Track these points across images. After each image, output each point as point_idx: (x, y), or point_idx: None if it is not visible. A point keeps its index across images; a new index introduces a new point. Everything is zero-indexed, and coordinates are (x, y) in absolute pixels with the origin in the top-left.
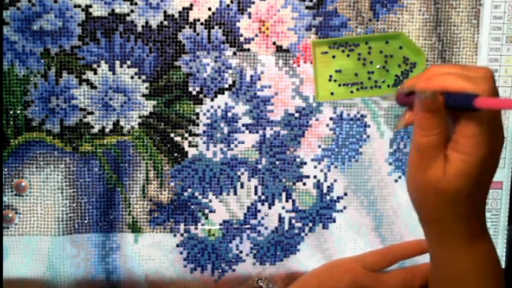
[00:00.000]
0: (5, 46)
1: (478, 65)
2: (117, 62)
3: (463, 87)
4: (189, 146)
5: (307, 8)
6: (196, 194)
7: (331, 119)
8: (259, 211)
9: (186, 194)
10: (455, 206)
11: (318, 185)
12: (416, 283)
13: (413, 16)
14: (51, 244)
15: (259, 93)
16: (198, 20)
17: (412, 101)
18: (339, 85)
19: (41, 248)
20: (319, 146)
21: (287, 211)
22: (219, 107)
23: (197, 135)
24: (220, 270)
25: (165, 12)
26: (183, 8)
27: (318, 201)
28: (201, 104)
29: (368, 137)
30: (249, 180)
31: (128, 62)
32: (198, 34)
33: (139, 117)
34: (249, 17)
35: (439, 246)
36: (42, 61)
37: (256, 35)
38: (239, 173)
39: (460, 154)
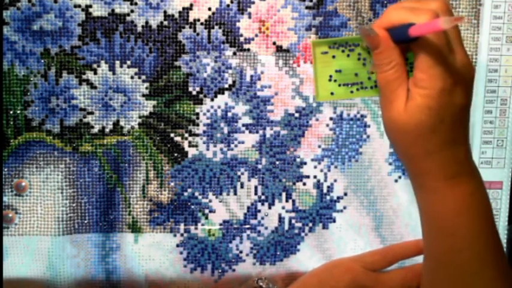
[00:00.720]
0: (5, 46)
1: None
2: (117, 62)
3: (406, 19)
4: (189, 146)
5: (307, 8)
6: (196, 194)
7: (331, 119)
8: (259, 211)
9: (186, 194)
10: (421, 142)
11: (318, 185)
12: (416, 283)
13: None
14: (51, 244)
15: (259, 93)
16: (198, 20)
17: None
18: (339, 85)
19: (41, 248)
20: (319, 146)
21: (287, 211)
22: (219, 107)
23: (197, 135)
24: (220, 270)
25: (165, 12)
26: (183, 8)
27: (318, 201)
28: (201, 104)
29: (368, 137)
30: (249, 180)
31: (128, 62)
32: (198, 34)
33: (139, 117)
34: (249, 17)
35: (418, 187)
36: (42, 61)
37: (256, 35)
38: (239, 173)
39: (418, 88)
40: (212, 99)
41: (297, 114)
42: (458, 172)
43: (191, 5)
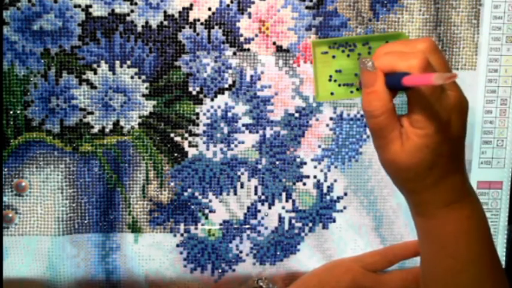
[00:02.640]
0: (5, 46)
1: (421, 38)
2: (117, 62)
3: (396, 66)
4: (189, 146)
5: (307, 8)
6: (196, 194)
7: (331, 119)
8: (259, 211)
9: (186, 194)
10: (420, 178)
11: (318, 185)
12: (416, 284)
13: (413, 16)
14: (51, 244)
15: (259, 93)
16: (198, 20)
17: None
18: (339, 85)
19: (41, 248)
20: (319, 146)
21: (287, 211)
22: (219, 107)
23: (197, 135)
24: (220, 270)
25: (165, 12)
26: (183, 8)
27: (318, 201)
28: (201, 104)
29: (368, 137)
30: (249, 180)
31: (128, 62)
32: (198, 34)
33: (139, 117)
34: (249, 17)
35: (418, 215)
36: (42, 61)
37: (256, 35)
38: (239, 173)
39: (415, 129)
40: (212, 99)
41: (297, 114)
42: (456, 198)
43: (191, 5)
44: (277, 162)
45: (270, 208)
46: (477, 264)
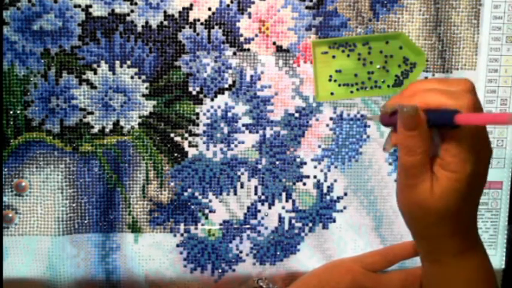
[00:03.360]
0: (5, 46)
1: (458, 77)
2: (117, 62)
3: (444, 103)
4: (189, 146)
5: (307, 8)
6: (196, 194)
7: (331, 119)
8: (259, 211)
9: (186, 194)
10: (443, 223)
11: (318, 185)
12: (416, 285)
13: (413, 16)
14: (51, 244)
15: (259, 93)
16: (198, 20)
17: (395, 120)
18: (339, 85)
19: (41, 248)
20: (319, 146)
21: (287, 211)
22: (219, 107)
23: (197, 135)
24: (220, 270)
25: (165, 12)
26: (183, 8)
27: (318, 201)
28: (201, 104)
29: (368, 137)
30: (249, 180)
31: (128, 62)
32: (198, 34)
33: (139, 117)
34: (249, 17)
35: (429, 261)
36: (42, 61)
37: (256, 35)
38: (239, 173)
39: (447, 172)
40: (212, 99)
41: (297, 114)
42: (469, 247)
43: (191, 5)
44: (277, 162)
45: (270, 208)
46: None
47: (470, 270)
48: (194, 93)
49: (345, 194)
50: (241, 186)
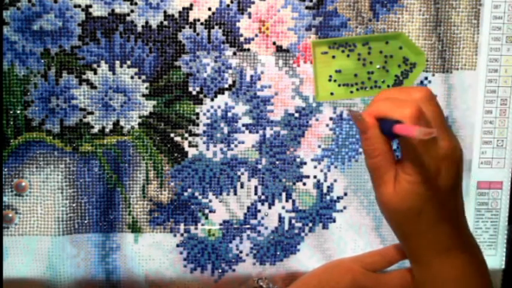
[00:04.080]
0: (5, 46)
1: (419, 86)
2: (117, 62)
3: (390, 112)
4: (189, 146)
5: (307, 8)
6: (196, 194)
7: (331, 119)
8: (259, 211)
9: (186, 194)
10: (410, 223)
11: (318, 185)
12: (415, 284)
13: (413, 16)
14: (51, 244)
15: (259, 93)
16: (198, 20)
17: None
18: (339, 85)
19: (41, 248)
20: (319, 146)
21: (287, 211)
22: (219, 107)
23: (197, 135)
24: (220, 270)
25: (165, 12)
26: (183, 8)
27: (318, 201)
28: (201, 104)
29: None
30: (249, 180)
31: (128, 62)
32: (198, 34)
33: (139, 117)
34: (249, 17)
35: (414, 261)
36: (42, 61)
37: (256, 35)
38: (239, 173)
39: (405, 175)
40: (212, 99)
41: (297, 114)
42: (449, 246)
43: (191, 5)
44: (277, 162)
45: (270, 208)
46: None
47: (454, 269)
48: (194, 93)
49: (345, 194)
50: (241, 186)
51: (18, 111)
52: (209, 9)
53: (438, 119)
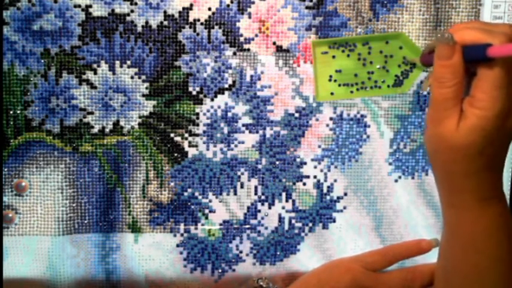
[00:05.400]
0: (5, 46)
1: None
2: (117, 62)
3: (479, 39)
4: (189, 146)
5: (307, 8)
6: (196, 194)
7: (331, 119)
8: (259, 211)
9: (186, 194)
10: (467, 161)
11: (318, 185)
12: (416, 283)
13: (413, 16)
14: (51, 244)
15: (259, 93)
16: (198, 20)
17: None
18: (339, 85)
19: (41, 248)
20: (319, 146)
21: (287, 211)
22: (219, 107)
23: (197, 135)
24: (220, 270)
25: (165, 12)
26: (183, 8)
27: (318, 201)
28: (201, 104)
29: (368, 137)
30: (249, 180)
31: (128, 62)
32: (198, 34)
33: (139, 117)
34: (249, 17)
35: (450, 204)
36: (42, 61)
37: (256, 35)
38: (239, 173)
39: (475, 109)
40: (212, 99)
41: (297, 114)
42: (491, 194)
43: (191, 5)
44: (277, 162)
45: (270, 208)
46: (505, 262)
47: (492, 218)
48: (194, 93)
49: (345, 194)
50: (241, 186)
51: (18, 111)
52: (209, 9)
53: None
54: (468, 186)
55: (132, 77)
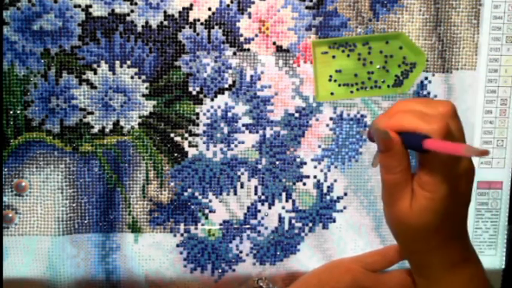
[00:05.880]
0: (5, 46)
1: (442, 100)
2: (117, 62)
3: (417, 127)
4: (189, 146)
5: (307, 8)
6: (196, 194)
7: (331, 119)
8: (259, 211)
9: (186, 194)
10: (425, 239)
11: (318, 185)
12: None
13: (413, 16)
14: (51, 244)
15: (259, 93)
16: (198, 20)
17: None
18: (339, 85)
19: (41, 248)
20: (319, 146)
21: (287, 211)
22: (219, 107)
23: (197, 135)
24: (220, 270)
25: (165, 12)
26: (183, 8)
27: (318, 201)
28: (201, 104)
29: None
30: (249, 180)
31: (128, 62)
32: (198, 34)
33: (139, 117)
34: (249, 17)
35: (421, 276)
36: (42, 61)
37: (256, 35)
38: (239, 173)
39: (423, 191)
40: (212, 99)
41: (297, 114)
42: (458, 261)
43: (191, 5)
44: (277, 162)
45: (270, 208)
46: None
47: (463, 283)
48: (194, 93)
49: (345, 194)
50: (241, 186)
51: (18, 111)
52: (209, 9)
53: (461, 136)
54: (433, 260)
55: (132, 77)
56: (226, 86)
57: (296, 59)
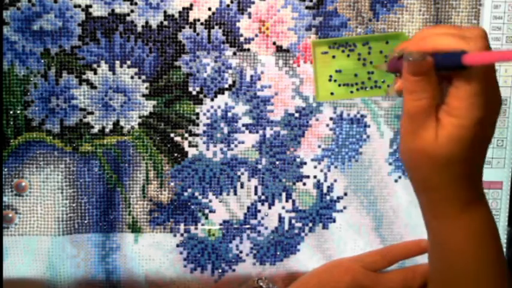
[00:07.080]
0: (5, 46)
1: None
2: (117, 62)
3: (454, 46)
4: (189, 146)
5: (307, 8)
6: (196, 194)
7: (331, 119)
8: (259, 211)
9: (186, 194)
10: (448, 170)
11: (318, 185)
12: (416, 283)
13: (413, 16)
14: (51, 244)
15: (259, 93)
16: (198, 20)
17: (402, 65)
18: (339, 85)
19: (41, 248)
20: (319, 146)
21: (287, 211)
22: (219, 107)
23: (197, 135)
24: (220, 270)
25: (165, 12)
26: (183, 8)
27: (318, 201)
28: (201, 104)
29: (368, 137)
30: (249, 180)
31: (128, 62)
32: (198, 34)
33: (139, 117)
34: (249, 17)
35: (434, 216)
36: (42, 61)
37: (256, 35)
38: (239, 173)
39: (452, 118)
40: (212, 99)
41: (297, 114)
42: (472, 198)
43: (191, 5)
44: (277, 162)
45: (270, 208)
46: (494, 263)
47: (477, 223)
48: (194, 93)
49: (345, 194)
50: (241, 186)
51: (18, 111)
52: (209, 9)
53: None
54: (450, 195)
55: (132, 77)
56: (226, 86)
57: (296, 59)
